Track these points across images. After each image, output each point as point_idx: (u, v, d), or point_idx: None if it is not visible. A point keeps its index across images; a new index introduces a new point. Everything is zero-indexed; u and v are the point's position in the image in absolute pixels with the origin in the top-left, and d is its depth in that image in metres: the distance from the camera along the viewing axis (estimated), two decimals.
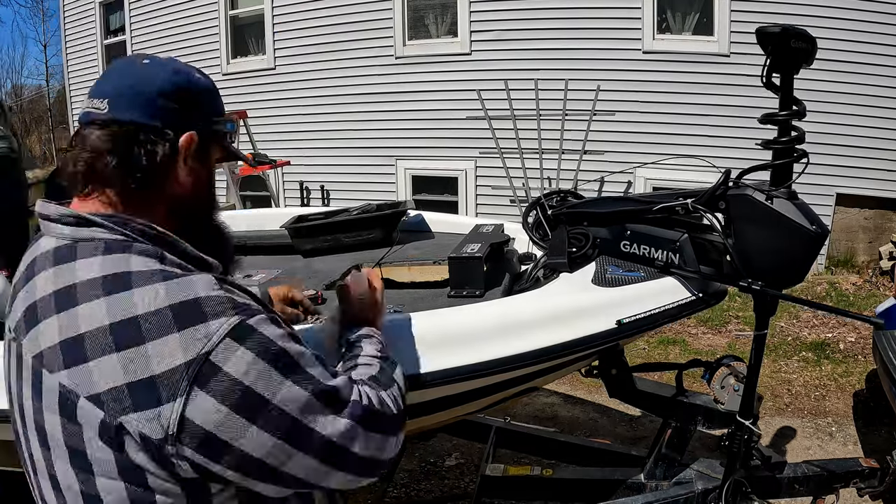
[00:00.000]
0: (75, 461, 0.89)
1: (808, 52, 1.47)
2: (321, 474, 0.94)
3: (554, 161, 6.37)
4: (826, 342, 4.46)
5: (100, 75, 1.04)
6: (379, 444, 0.99)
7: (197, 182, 1.04)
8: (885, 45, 5.51)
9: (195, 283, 0.90)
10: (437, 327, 1.54)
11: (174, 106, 0.99)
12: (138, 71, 1.00)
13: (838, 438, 3.32)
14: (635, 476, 2.05)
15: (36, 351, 0.90)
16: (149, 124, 0.97)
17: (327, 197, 7.79)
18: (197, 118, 1.02)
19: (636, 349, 4.38)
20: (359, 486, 1.02)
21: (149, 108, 0.97)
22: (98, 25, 9.34)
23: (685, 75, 6.05)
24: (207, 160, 1.06)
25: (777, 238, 1.56)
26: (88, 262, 0.91)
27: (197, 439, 0.85)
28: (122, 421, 0.85)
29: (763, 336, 1.70)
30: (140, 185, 0.97)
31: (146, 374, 0.84)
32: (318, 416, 0.91)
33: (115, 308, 0.87)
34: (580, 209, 2.00)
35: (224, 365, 0.85)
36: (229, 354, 0.86)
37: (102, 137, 0.96)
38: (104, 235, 0.94)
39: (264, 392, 0.87)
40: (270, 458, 0.89)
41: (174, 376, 0.84)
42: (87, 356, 0.86)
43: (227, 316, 0.88)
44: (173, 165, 1.00)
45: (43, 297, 0.92)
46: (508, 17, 6.56)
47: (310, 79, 7.50)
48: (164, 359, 0.84)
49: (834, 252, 6.04)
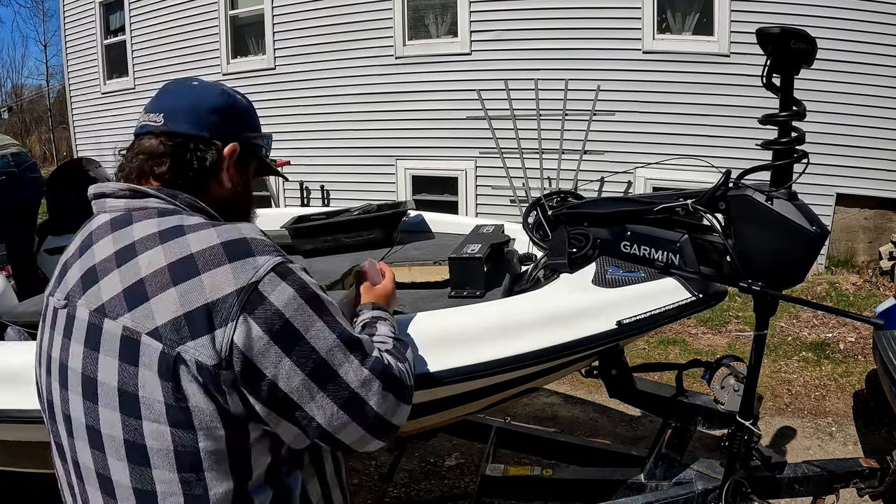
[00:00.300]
0: (125, 406, 0.94)
1: (808, 52, 1.47)
2: (339, 423, 1.00)
3: (554, 161, 6.37)
4: (826, 342, 4.47)
5: (155, 94, 1.18)
6: (392, 405, 1.04)
7: (236, 187, 1.17)
8: (885, 45, 5.51)
9: (241, 227, 1.02)
10: (438, 328, 1.54)
11: (221, 121, 1.14)
12: (191, 90, 1.16)
13: (838, 438, 3.32)
14: (635, 476, 2.05)
15: (97, 304, 0.98)
16: (200, 135, 1.11)
17: (327, 197, 7.79)
18: (239, 132, 1.18)
19: (636, 349, 4.39)
20: (366, 449, 1.09)
21: (201, 121, 1.12)
22: (98, 25, 9.34)
23: (685, 75, 6.05)
24: (246, 169, 1.21)
25: (777, 239, 1.56)
26: (144, 224, 1.02)
27: (240, 364, 0.92)
28: (179, 351, 0.92)
29: (763, 336, 1.70)
30: (187, 185, 1.10)
31: (202, 301, 0.93)
32: (343, 361, 0.99)
33: (171, 250, 0.97)
34: (580, 209, 2.00)
35: (269, 295, 0.94)
36: (274, 286, 0.95)
37: (157, 144, 1.10)
38: (157, 204, 1.05)
39: (300, 326, 0.96)
40: (295, 393, 0.96)
41: (227, 302, 0.93)
42: (147, 295, 0.95)
43: (272, 255, 0.99)
44: (218, 170, 1.14)
45: (102, 259, 1.01)
46: (508, 17, 6.56)
47: (310, 79, 7.49)
48: (217, 287, 0.93)
49: (834, 252, 6.04)
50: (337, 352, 0.98)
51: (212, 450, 0.94)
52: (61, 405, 1.02)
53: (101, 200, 1.09)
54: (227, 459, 0.96)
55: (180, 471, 0.94)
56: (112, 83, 9.36)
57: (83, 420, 0.98)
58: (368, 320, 1.26)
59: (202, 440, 0.94)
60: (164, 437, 0.93)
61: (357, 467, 3.07)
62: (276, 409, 0.96)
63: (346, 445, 1.05)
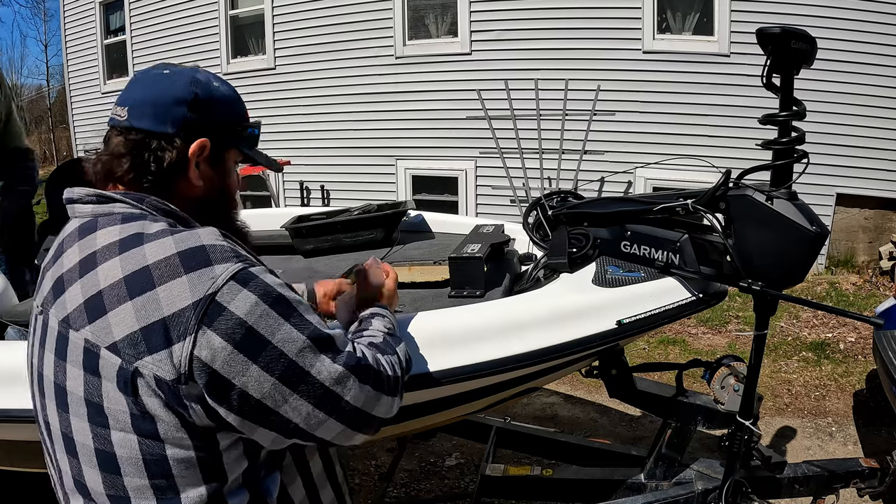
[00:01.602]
0: (92, 416, 0.94)
1: (809, 52, 1.47)
2: (315, 421, 0.98)
3: (554, 161, 6.37)
4: (826, 342, 4.46)
5: (126, 83, 1.12)
6: (372, 398, 1.03)
7: (210, 185, 1.11)
8: (885, 45, 5.51)
9: (201, 234, 0.98)
10: (438, 327, 1.54)
11: (188, 114, 1.06)
12: (158, 80, 1.08)
13: (838, 438, 3.32)
14: (635, 476, 2.05)
15: (63, 315, 0.98)
16: (160, 132, 1.04)
17: (327, 197, 7.79)
18: (212, 125, 1.09)
19: (636, 349, 4.39)
20: (351, 442, 1.07)
21: (163, 116, 1.04)
22: (98, 25, 9.34)
23: (685, 75, 6.05)
24: (224, 165, 1.13)
25: (777, 238, 1.56)
26: (107, 231, 1.00)
27: (205, 376, 0.90)
28: (137, 366, 0.91)
29: (763, 336, 1.70)
30: (151, 186, 1.05)
31: (158, 316, 0.91)
32: (313, 360, 0.96)
33: (128, 262, 0.95)
34: (580, 209, 2.00)
35: (229, 305, 0.91)
36: (234, 295, 0.92)
37: (120, 142, 1.05)
38: (122, 209, 1.02)
39: (265, 332, 0.93)
40: (268, 399, 0.94)
41: (183, 316, 0.90)
42: (105, 309, 0.93)
43: (231, 262, 0.95)
44: (184, 169, 1.07)
45: (68, 268, 1.00)
46: (508, 17, 6.56)
47: (310, 79, 7.49)
48: (173, 301, 0.91)
49: (834, 252, 6.04)
50: (307, 352, 0.96)
51: (180, 458, 0.94)
52: (41, 411, 1.03)
53: (71, 206, 1.06)
54: (198, 467, 0.95)
55: (151, 477, 0.93)
56: (112, 83, 9.35)
57: (59, 427, 0.98)
58: (366, 316, 1.25)
59: (169, 449, 0.93)
60: (132, 446, 0.93)
61: (357, 467, 3.07)
62: (251, 417, 0.94)
63: (329, 441, 1.04)
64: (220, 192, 1.14)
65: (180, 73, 1.09)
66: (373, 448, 3.19)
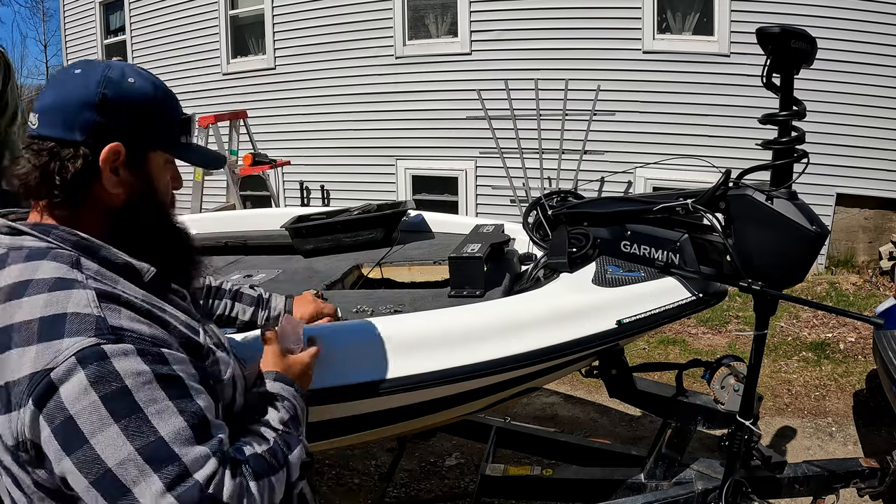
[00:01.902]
0: None
1: (808, 52, 1.47)
2: None
3: (554, 161, 6.37)
4: (826, 342, 4.46)
5: None
6: None
7: (130, 190, 1.01)
8: (885, 45, 5.50)
9: (72, 298, 0.89)
10: (438, 327, 1.54)
11: (96, 118, 0.96)
12: (67, 82, 0.99)
13: (838, 438, 3.32)
14: (635, 476, 2.05)
15: None
16: (66, 139, 0.96)
17: (327, 197, 7.79)
18: (125, 127, 0.99)
19: (636, 349, 4.38)
20: None
21: (70, 122, 0.96)
22: (98, 25, 9.34)
23: (685, 75, 6.04)
24: (143, 168, 1.02)
25: (777, 238, 1.56)
26: (9, 271, 0.94)
27: (34, 450, 0.86)
28: None
29: (763, 336, 1.70)
30: (63, 198, 0.97)
31: (5, 379, 0.87)
32: (138, 479, 0.82)
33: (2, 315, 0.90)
34: (580, 209, 2.00)
35: (60, 385, 0.83)
36: (68, 376, 0.84)
37: (31, 154, 0.97)
38: (30, 243, 0.96)
39: (84, 427, 0.83)
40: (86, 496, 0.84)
41: (21, 386, 0.85)
42: None
43: (84, 336, 0.85)
44: (95, 177, 0.98)
45: None
46: (508, 17, 6.55)
47: (310, 79, 7.49)
48: (18, 368, 0.86)
49: (834, 252, 6.04)
50: (131, 467, 0.81)
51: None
52: None
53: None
54: None
55: None
56: None
57: None
58: (265, 393, 1.09)
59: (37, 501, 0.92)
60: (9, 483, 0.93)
61: (357, 467, 3.07)
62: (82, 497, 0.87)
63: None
64: (144, 198, 1.03)
65: (92, 70, 0.99)
66: (373, 448, 3.19)
